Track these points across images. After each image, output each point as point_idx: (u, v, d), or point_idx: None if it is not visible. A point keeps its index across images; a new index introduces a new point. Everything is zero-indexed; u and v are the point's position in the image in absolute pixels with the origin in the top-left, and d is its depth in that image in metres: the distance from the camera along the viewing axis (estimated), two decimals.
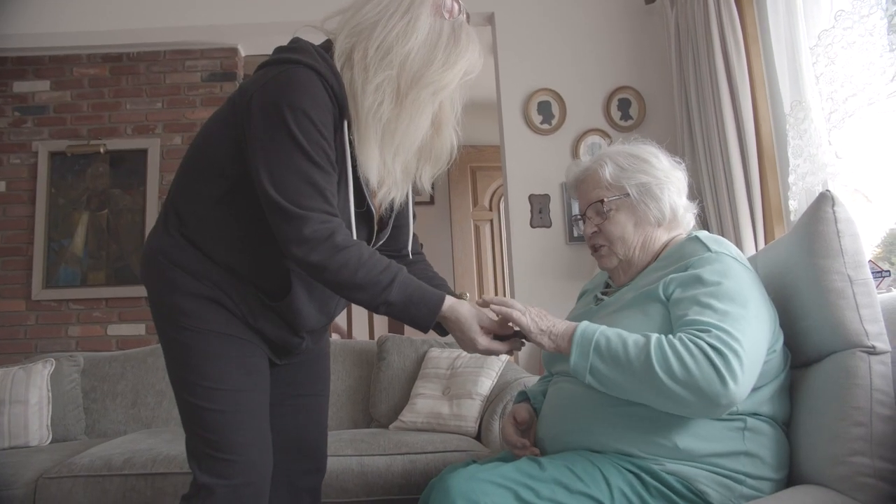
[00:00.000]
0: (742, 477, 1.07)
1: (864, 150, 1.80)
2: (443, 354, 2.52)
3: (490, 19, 2.96)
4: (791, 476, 1.13)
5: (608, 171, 1.28)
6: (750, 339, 1.03)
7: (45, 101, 3.62)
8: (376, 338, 2.82)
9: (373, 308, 1.15)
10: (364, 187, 1.19)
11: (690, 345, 1.01)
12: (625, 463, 1.08)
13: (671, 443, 1.07)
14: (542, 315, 1.16)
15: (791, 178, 2.04)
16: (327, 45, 1.19)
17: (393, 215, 1.30)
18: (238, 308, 1.19)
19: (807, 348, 1.18)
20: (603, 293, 1.36)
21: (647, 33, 2.88)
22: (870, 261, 1.60)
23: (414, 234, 1.41)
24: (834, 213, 1.13)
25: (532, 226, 2.86)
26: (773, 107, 2.25)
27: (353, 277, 1.10)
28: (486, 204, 4.71)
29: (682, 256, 1.20)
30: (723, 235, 2.28)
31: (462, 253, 4.56)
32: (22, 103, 3.62)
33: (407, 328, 4.03)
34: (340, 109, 1.13)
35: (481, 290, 4.54)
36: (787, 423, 1.17)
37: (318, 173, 1.09)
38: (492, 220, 4.68)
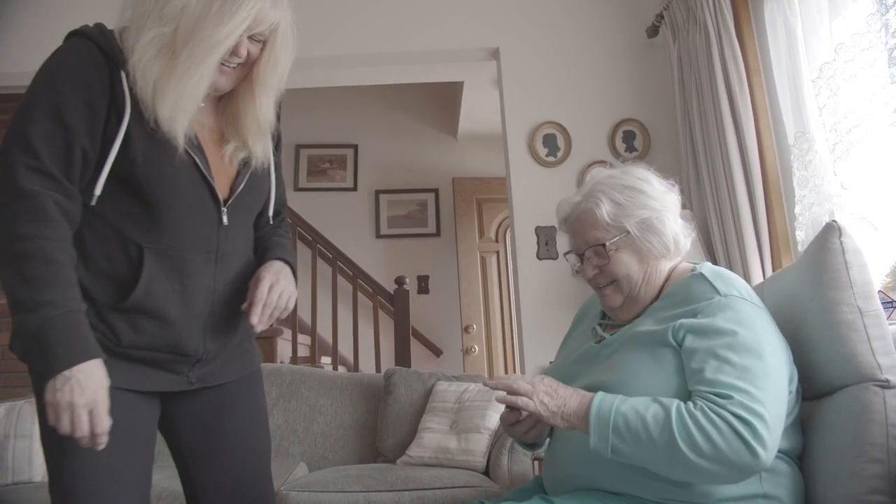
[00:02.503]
0: None
1: (869, 180, 1.80)
2: (450, 388, 2.50)
3: (495, 54, 3.01)
4: None
5: (605, 210, 1.22)
6: (773, 395, 1.01)
7: None
8: (383, 371, 2.80)
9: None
10: (191, 154, 1.10)
11: (714, 417, 0.98)
12: None
13: (687, 487, 1.04)
14: (550, 391, 1.10)
15: (797, 209, 2.04)
16: None
17: (245, 177, 1.18)
18: (104, 336, 1.05)
19: (817, 381, 1.16)
20: (601, 325, 1.32)
21: (650, 66, 2.92)
22: (879, 291, 1.58)
23: (278, 209, 1.30)
24: (841, 243, 1.11)
25: (539, 258, 2.86)
26: (777, 138, 2.26)
27: (18, 287, 0.95)
28: (493, 236, 4.71)
29: (689, 297, 1.15)
30: (730, 266, 2.27)
31: (468, 284, 4.55)
32: None
33: (414, 361, 4.01)
34: (117, 69, 1.06)
35: (488, 322, 4.52)
36: (801, 455, 1.14)
37: (40, 131, 1.00)
38: (498, 252, 4.68)
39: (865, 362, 1.07)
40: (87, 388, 0.94)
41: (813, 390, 1.17)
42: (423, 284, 4.76)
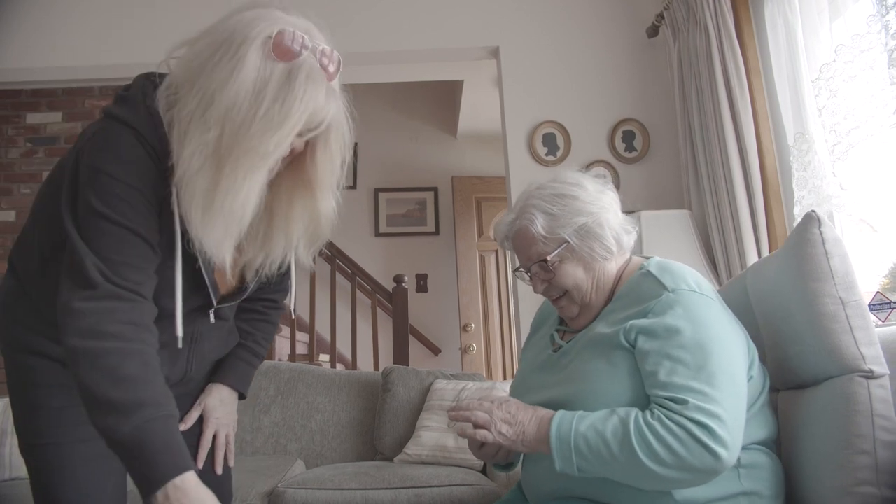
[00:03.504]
0: None
1: (868, 181, 1.81)
2: (448, 386, 2.50)
3: (495, 53, 3.01)
4: None
5: (540, 225, 1.20)
6: (729, 391, 1.01)
7: (56, 132, 3.68)
8: (381, 369, 2.81)
9: (106, 431, 0.88)
10: (202, 262, 1.00)
11: (671, 424, 0.98)
12: None
13: (667, 494, 1.04)
14: (508, 418, 1.09)
15: (796, 210, 2.04)
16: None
17: (255, 281, 1.10)
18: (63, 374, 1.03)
19: (801, 372, 1.16)
20: (559, 331, 1.32)
21: (650, 67, 2.92)
22: (878, 292, 1.59)
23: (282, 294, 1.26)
24: (821, 233, 1.10)
25: None
26: (777, 139, 2.27)
27: (111, 388, 0.86)
28: (492, 235, 4.72)
29: (639, 297, 1.14)
30: (728, 267, 2.28)
31: (467, 283, 4.55)
32: (34, 134, 3.68)
33: (412, 359, 4.02)
34: (168, 187, 0.95)
35: (486, 321, 4.53)
36: (776, 439, 1.14)
37: (116, 245, 0.91)
38: (497, 251, 4.68)
39: (849, 353, 1.06)
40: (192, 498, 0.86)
41: (798, 381, 1.17)
42: (422, 283, 4.77)
